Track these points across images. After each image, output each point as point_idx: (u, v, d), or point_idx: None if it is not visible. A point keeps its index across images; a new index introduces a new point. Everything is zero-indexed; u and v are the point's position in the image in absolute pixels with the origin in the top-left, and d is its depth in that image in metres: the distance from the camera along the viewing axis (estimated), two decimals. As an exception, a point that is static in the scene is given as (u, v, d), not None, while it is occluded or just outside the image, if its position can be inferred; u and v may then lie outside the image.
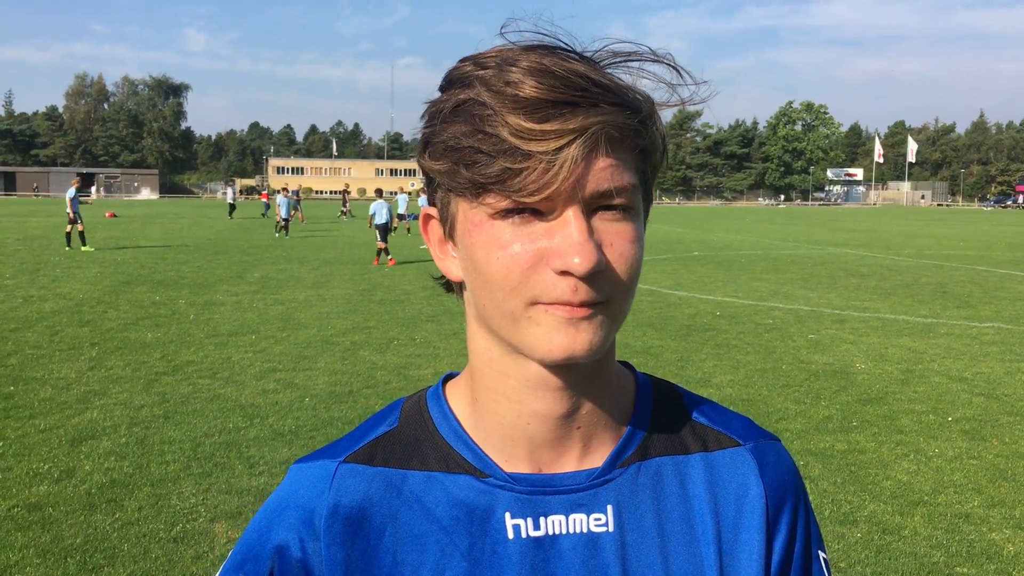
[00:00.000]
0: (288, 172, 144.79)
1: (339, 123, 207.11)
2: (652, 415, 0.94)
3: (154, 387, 8.27)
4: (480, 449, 0.89)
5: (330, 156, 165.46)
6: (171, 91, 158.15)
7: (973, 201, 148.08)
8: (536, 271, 0.76)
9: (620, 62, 0.80)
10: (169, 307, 13.42)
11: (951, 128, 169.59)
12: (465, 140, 0.75)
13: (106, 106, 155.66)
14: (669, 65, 0.81)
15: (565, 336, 0.77)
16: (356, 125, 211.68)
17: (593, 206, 0.77)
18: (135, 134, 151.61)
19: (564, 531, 0.87)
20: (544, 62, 0.74)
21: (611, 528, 0.87)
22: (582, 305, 0.76)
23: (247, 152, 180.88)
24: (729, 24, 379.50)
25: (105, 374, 8.80)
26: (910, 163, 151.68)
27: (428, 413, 0.93)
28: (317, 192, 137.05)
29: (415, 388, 5.76)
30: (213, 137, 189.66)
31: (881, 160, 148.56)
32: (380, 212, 21.79)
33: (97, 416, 7.25)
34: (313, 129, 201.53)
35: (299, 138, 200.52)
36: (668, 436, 0.93)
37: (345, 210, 50.11)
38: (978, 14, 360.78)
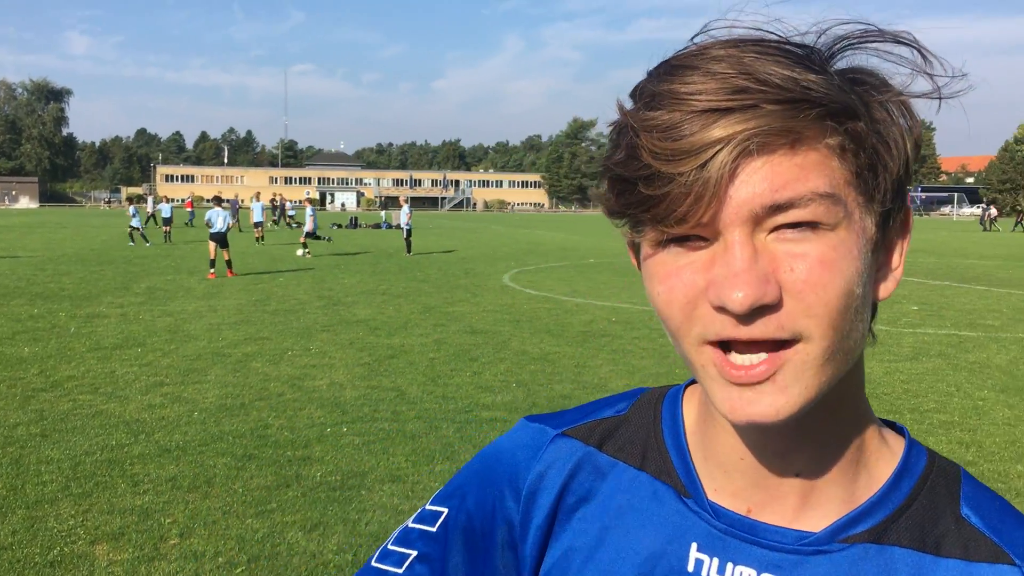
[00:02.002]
0: (177, 180, 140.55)
1: (231, 130, 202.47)
2: (911, 495, 0.77)
3: (31, 404, 7.85)
4: (694, 468, 0.82)
5: (221, 164, 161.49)
6: (52, 96, 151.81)
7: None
8: (697, 306, 0.67)
9: (854, 45, 0.69)
10: (48, 320, 12.80)
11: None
12: (617, 168, 0.68)
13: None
14: (908, 44, 0.69)
15: (739, 399, 0.66)
16: (249, 132, 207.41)
17: (769, 226, 0.65)
18: (13, 140, 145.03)
19: None
20: (708, 66, 0.65)
21: None
22: (755, 345, 0.65)
23: (134, 159, 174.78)
24: (622, 36, 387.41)
25: (-24, 392, 8.31)
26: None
27: (660, 413, 0.87)
28: (207, 201, 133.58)
29: (311, 400, 5.63)
30: (97, 144, 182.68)
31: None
32: (216, 220, 20.32)
33: (-33, 436, 6.83)
34: (204, 136, 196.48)
35: (189, 145, 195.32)
36: (921, 526, 0.75)
37: (276, 218, 49.49)
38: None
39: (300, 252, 27.00)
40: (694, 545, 0.79)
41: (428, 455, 6.48)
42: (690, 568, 0.78)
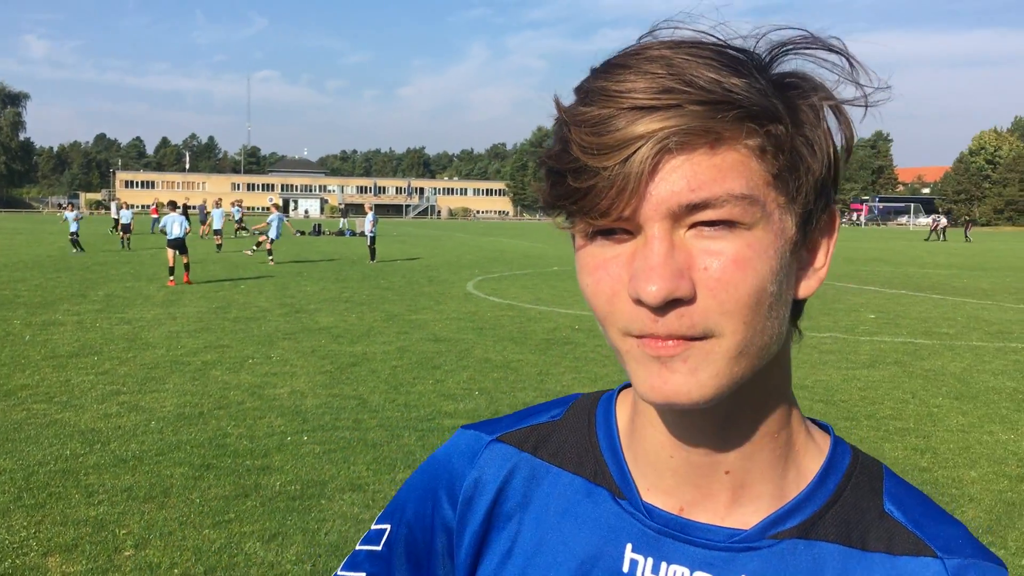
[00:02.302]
0: (138, 186, 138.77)
1: (193, 136, 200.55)
2: (837, 491, 0.79)
3: (-17, 414, 7.69)
4: (627, 469, 0.83)
5: (183, 170, 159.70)
6: (8, 100, 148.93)
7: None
8: (620, 299, 0.69)
9: (792, 50, 0.71)
10: (2, 328, 12.54)
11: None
12: (550, 160, 0.70)
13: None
14: (838, 52, 0.71)
15: (657, 377, 0.68)
16: (211, 138, 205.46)
17: (687, 223, 0.66)
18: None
19: None
20: (642, 66, 0.66)
21: None
22: (670, 338, 0.67)
23: (93, 165, 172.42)
24: (587, 45, 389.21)
25: (-74, 401, 8.13)
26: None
27: (595, 417, 0.89)
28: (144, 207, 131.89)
29: (271, 408, 5.57)
30: (56, 149, 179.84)
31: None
32: (171, 226, 19.85)
33: (-84, 447, 6.68)
34: (164, 142, 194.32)
35: (149, 151, 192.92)
36: (847, 522, 0.77)
37: (241, 225, 48.90)
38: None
39: (249, 251, 28.03)
40: (629, 546, 0.80)
41: (389, 463, 6.44)
42: (625, 569, 0.79)
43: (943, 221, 62.38)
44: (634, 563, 0.79)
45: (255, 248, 29.61)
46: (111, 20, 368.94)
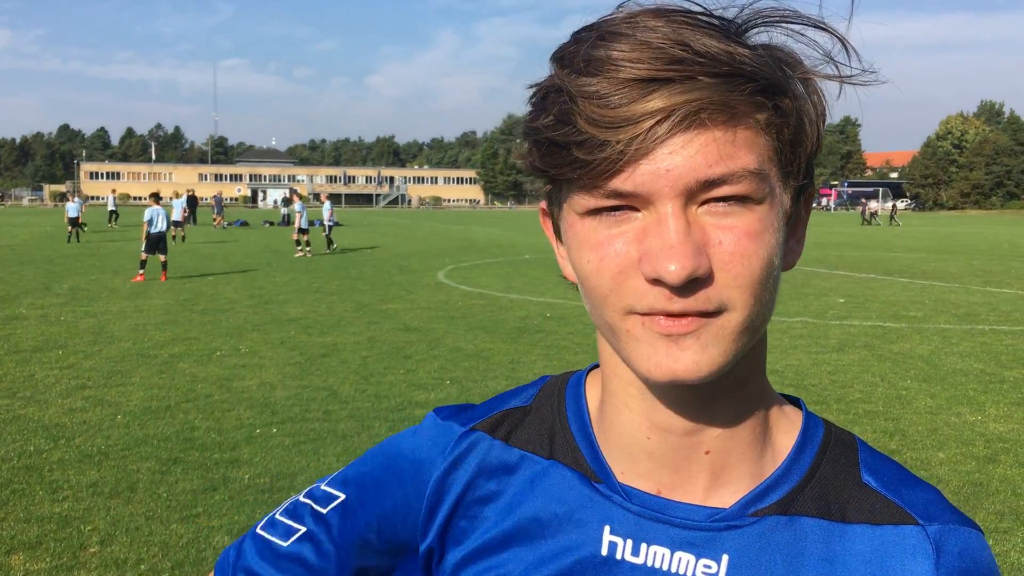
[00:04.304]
0: (102, 177, 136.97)
1: (158, 126, 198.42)
2: (813, 465, 0.79)
3: (-57, 410, 7.54)
4: (601, 452, 0.81)
5: (149, 160, 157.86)
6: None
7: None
8: (629, 276, 0.67)
9: (774, 22, 0.69)
10: (-36, 323, 12.33)
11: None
12: (547, 131, 0.67)
13: None
14: (822, 28, 0.70)
15: (666, 355, 0.67)
16: (177, 128, 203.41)
17: (700, 199, 0.65)
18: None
19: (665, 567, 0.76)
20: (642, 34, 0.64)
21: None
22: (685, 315, 0.66)
23: (56, 156, 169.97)
24: (556, 32, 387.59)
25: None
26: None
27: (564, 400, 0.87)
28: (136, 198, 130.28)
29: (240, 400, 5.49)
30: (17, 140, 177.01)
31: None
32: (157, 219, 18.93)
33: None
34: (130, 132, 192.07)
35: (114, 141, 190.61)
36: (826, 495, 0.77)
37: (218, 218, 48.36)
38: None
39: (300, 253, 25.76)
40: (607, 528, 0.78)
41: (360, 455, 6.38)
42: (604, 552, 0.78)
43: (872, 205, 63.32)
44: (613, 545, 0.78)
45: (304, 249, 26.17)
46: (74, 8, 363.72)
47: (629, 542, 0.77)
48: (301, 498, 0.95)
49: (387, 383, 8.75)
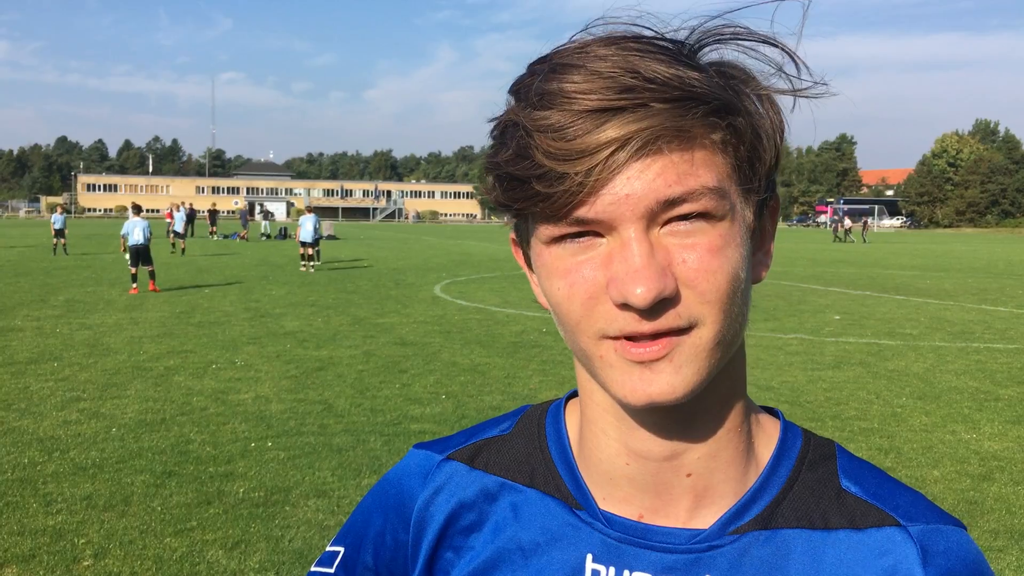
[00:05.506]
0: (100, 189, 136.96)
1: (156, 139, 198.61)
2: (792, 476, 0.79)
3: (-63, 422, 7.52)
4: (582, 479, 0.82)
5: (146, 173, 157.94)
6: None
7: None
8: (599, 302, 0.68)
9: (726, 40, 0.70)
10: (-41, 334, 12.30)
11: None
12: (506, 166, 0.68)
13: None
14: (772, 44, 0.71)
15: (640, 379, 0.67)
16: (175, 141, 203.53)
17: (662, 219, 0.66)
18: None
19: None
20: (592, 64, 0.65)
21: None
22: (656, 337, 0.66)
23: (54, 168, 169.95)
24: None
25: None
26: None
27: (544, 428, 0.87)
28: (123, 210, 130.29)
29: (235, 414, 5.49)
30: (15, 152, 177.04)
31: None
32: (133, 232, 18.64)
33: None
34: (127, 145, 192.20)
35: (112, 154, 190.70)
36: (806, 504, 0.77)
37: (213, 229, 48.44)
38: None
39: (304, 267, 25.43)
40: (589, 556, 0.78)
41: (355, 469, 6.38)
42: None
43: (847, 222, 63.50)
44: (596, 573, 0.78)
45: (307, 264, 25.94)
46: (72, 21, 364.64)
47: (612, 569, 0.77)
48: (313, 568, 0.98)
49: (383, 397, 8.74)
